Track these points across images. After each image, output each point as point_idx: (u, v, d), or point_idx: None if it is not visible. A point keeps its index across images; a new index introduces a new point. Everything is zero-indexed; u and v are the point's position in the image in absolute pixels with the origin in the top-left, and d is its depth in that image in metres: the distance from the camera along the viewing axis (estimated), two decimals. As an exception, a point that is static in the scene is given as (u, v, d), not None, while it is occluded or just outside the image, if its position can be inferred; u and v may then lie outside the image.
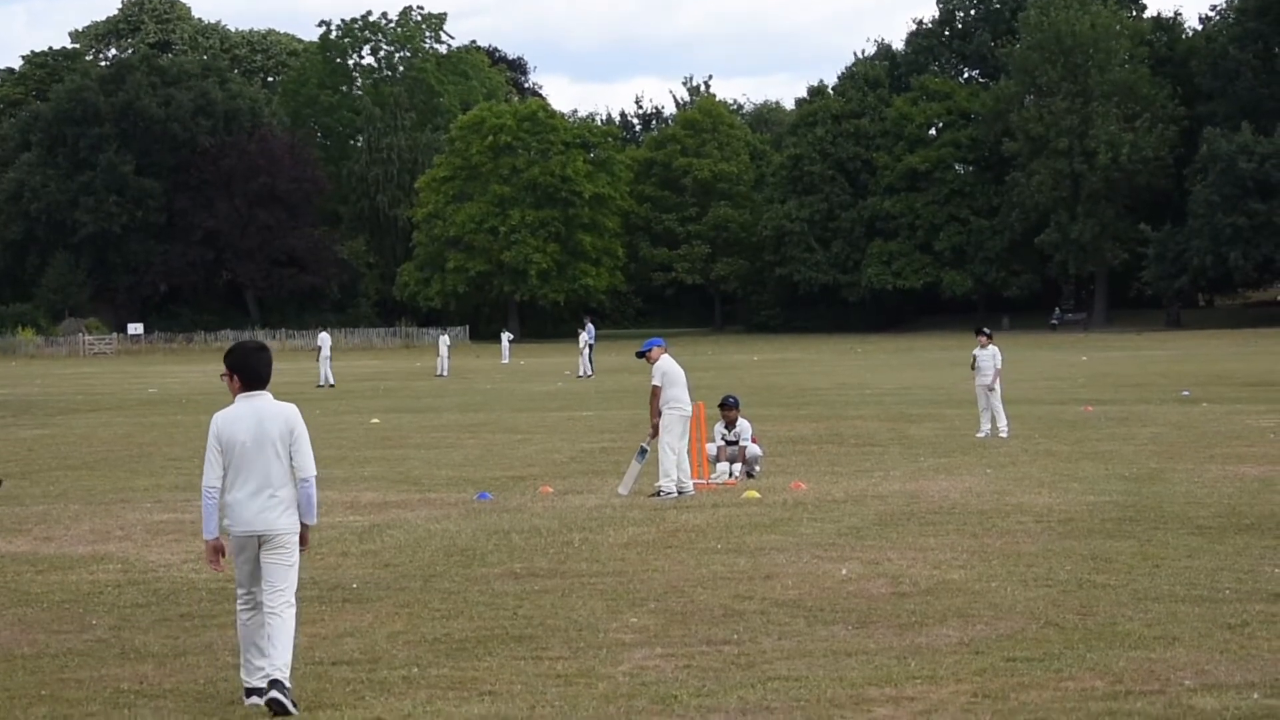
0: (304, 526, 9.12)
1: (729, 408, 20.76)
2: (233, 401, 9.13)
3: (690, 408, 18.87)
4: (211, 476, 8.98)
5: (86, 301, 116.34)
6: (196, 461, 24.29)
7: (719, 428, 20.79)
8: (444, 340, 63.80)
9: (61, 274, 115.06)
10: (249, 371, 9.11)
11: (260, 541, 8.96)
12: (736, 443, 20.58)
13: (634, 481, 18.78)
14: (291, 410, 9.13)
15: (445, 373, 60.79)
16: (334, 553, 14.48)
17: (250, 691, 8.93)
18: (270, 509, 8.94)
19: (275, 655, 8.82)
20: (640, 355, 19.36)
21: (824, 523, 15.82)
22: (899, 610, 11.16)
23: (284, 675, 8.76)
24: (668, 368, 18.70)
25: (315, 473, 9.15)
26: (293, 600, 9.02)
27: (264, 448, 8.94)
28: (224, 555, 9.11)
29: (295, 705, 8.72)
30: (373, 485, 20.50)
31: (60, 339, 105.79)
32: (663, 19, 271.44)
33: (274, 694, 8.69)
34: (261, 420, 8.99)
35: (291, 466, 9.00)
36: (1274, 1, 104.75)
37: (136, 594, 12.56)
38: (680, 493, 18.40)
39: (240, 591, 9.09)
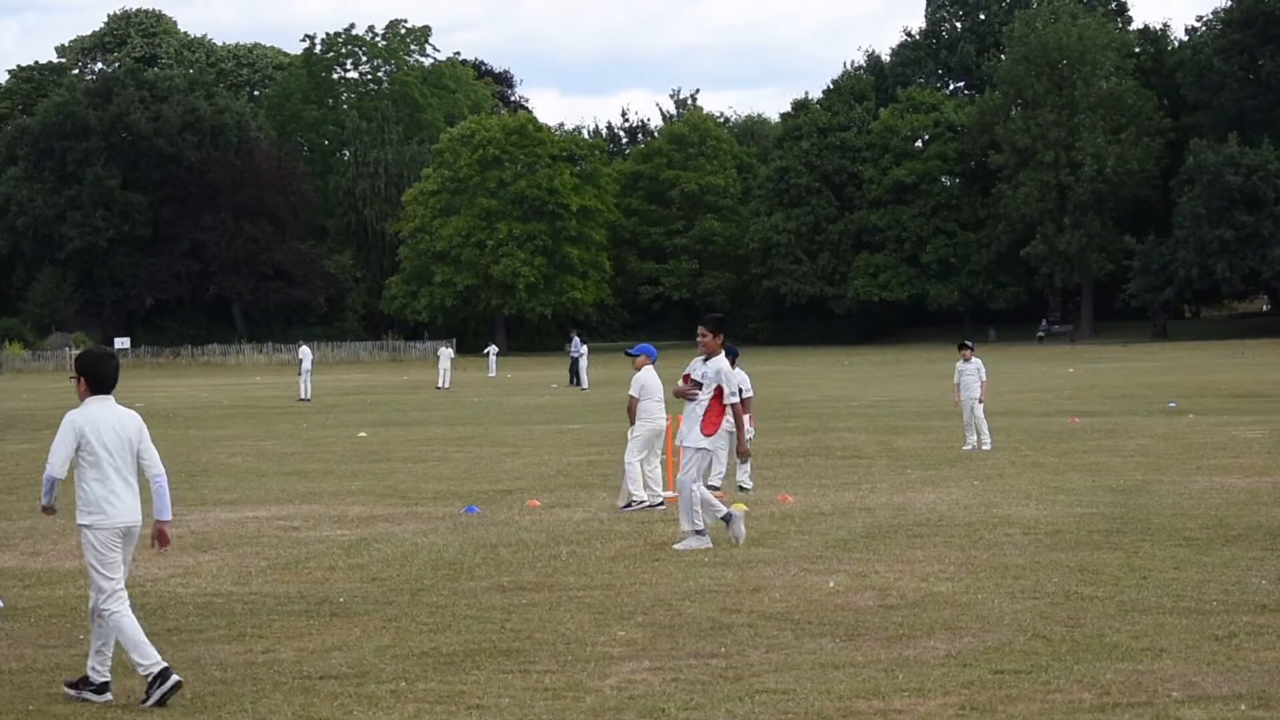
0: (163, 522, 9.72)
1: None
2: (80, 403, 9.60)
3: (664, 422, 18.86)
4: (61, 469, 9.47)
5: (73, 316, 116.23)
6: (183, 476, 24.30)
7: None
8: (445, 352, 63.90)
9: (48, 288, 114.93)
10: (99, 377, 9.62)
11: (126, 533, 9.56)
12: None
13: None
14: (137, 415, 9.76)
15: (448, 384, 61.03)
16: (321, 567, 14.47)
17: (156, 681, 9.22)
18: (137, 502, 9.61)
19: (108, 659, 9.50)
20: (630, 354, 19.36)
21: (811, 535, 15.82)
22: (886, 623, 11.16)
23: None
24: (646, 380, 18.67)
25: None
26: None
27: (124, 447, 9.53)
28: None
29: None
30: (360, 499, 20.47)
31: (47, 353, 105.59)
32: (653, 32, 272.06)
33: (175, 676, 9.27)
34: (120, 421, 9.57)
35: (141, 465, 9.62)
36: (1259, 13, 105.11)
37: (123, 609, 12.51)
38: (651, 506, 18.40)
39: (118, 587, 9.46)
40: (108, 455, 9.42)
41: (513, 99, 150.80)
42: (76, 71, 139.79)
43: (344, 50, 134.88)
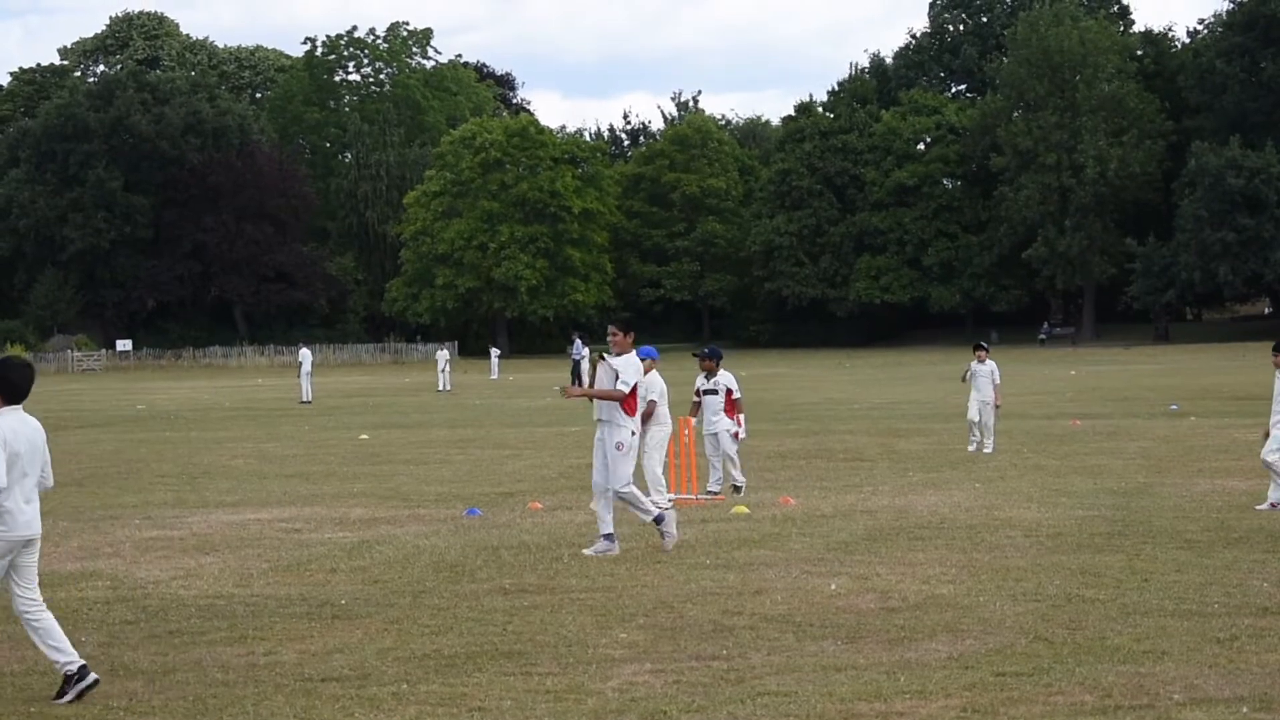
0: None
1: (706, 359, 20.59)
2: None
3: (670, 426, 18.91)
4: (7, 478, 9.36)
5: (75, 318, 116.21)
6: (185, 478, 24.32)
7: (699, 380, 20.69)
8: (443, 355, 64.07)
9: (50, 290, 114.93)
10: (14, 386, 9.66)
11: (26, 544, 9.53)
12: (716, 392, 20.46)
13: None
14: (42, 427, 9.82)
15: (449, 387, 61.13)
16: (323, 569, 14.47)
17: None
18: (37, 513, 9.58)
19: (68, 649, 9.45)
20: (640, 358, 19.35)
21: (813, 538, 15.82)
22: (888, 625, 11.16)
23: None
24: (652, 383, 18.67)
25: None
26: None
27: (35, 459, 9.58)
28: None
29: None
30: (361, 501, 20.47)
31: (49, 356, 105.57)
32: (654, 34, 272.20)
33: (92, 675, 9.41)
34: (34, 432, 9.64)
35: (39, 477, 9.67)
36: (1260, 16, 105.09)
37: (125, 611, 12.54)
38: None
39: None
40: (20, 467, 9.43)
41: (514, 101, 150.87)
42: (78, 74, 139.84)
43: (345, 53, 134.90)
